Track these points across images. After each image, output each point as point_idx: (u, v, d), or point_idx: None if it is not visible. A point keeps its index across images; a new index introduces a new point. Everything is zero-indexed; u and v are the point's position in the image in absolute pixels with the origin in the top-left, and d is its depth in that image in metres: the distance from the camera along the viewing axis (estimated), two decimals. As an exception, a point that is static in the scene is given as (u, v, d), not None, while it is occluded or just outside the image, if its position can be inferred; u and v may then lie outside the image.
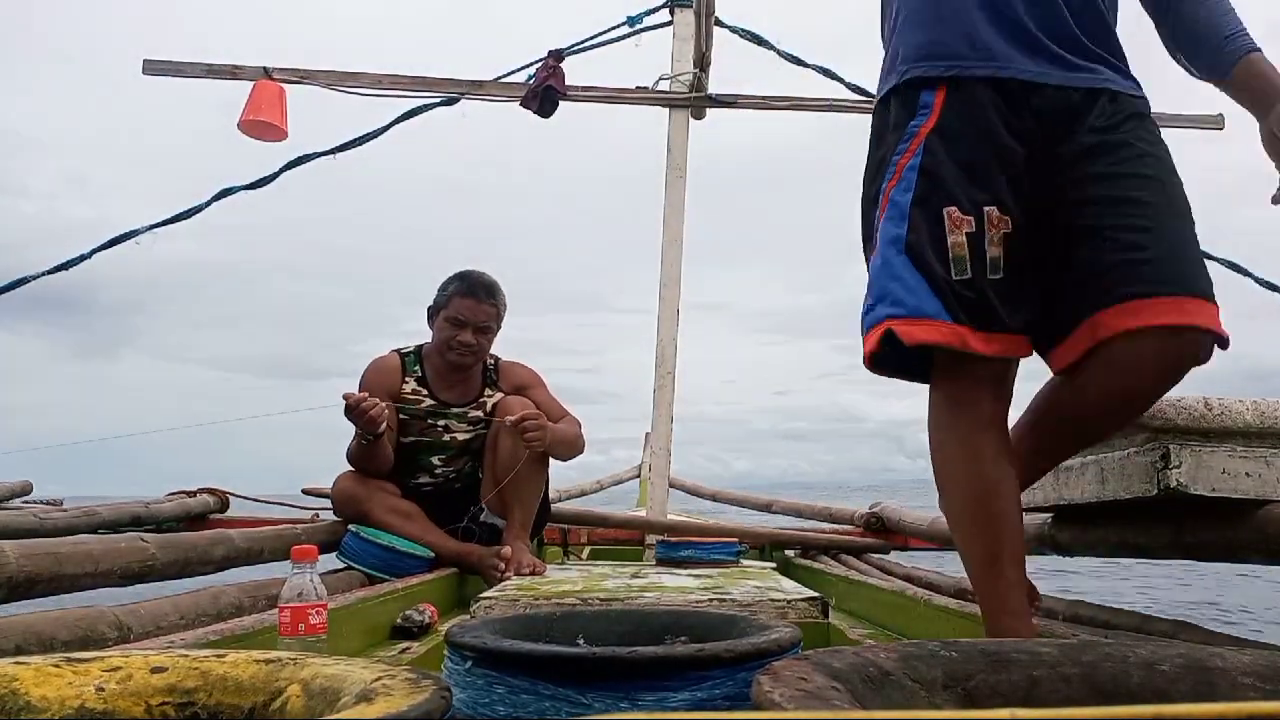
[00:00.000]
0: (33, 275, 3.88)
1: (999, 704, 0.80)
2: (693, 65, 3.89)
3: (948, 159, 1.42)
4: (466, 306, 2.86)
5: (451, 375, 2.94)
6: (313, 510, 3.57)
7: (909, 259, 1.40)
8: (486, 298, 2.89)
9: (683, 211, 3.75)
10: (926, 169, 1.43)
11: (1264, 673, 0.81)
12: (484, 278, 2.94)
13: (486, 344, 2.92)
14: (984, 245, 1.39)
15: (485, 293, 2.89)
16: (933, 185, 1.42)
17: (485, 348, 2.93)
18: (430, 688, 0.68)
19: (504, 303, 2.95)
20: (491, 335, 2.93)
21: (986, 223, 1.39)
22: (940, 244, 1.39)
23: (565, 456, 2.94)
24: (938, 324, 1.37)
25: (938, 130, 1.44)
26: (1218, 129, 4.14)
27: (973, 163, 1.42)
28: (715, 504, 6.19)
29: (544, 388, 3.05)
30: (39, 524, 2.64)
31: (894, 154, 1.47)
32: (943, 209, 1.40)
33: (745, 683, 0.89)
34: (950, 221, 1.39)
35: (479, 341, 2.88)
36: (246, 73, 3.89)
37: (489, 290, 2.91)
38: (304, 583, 1.39)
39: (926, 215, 1.41)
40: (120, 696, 0.77)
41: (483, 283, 2.91)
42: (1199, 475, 1.48)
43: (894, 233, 1.43)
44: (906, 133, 1.47)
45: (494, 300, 2.91)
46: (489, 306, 2.89)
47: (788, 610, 1.90)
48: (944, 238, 1.39)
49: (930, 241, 1.40)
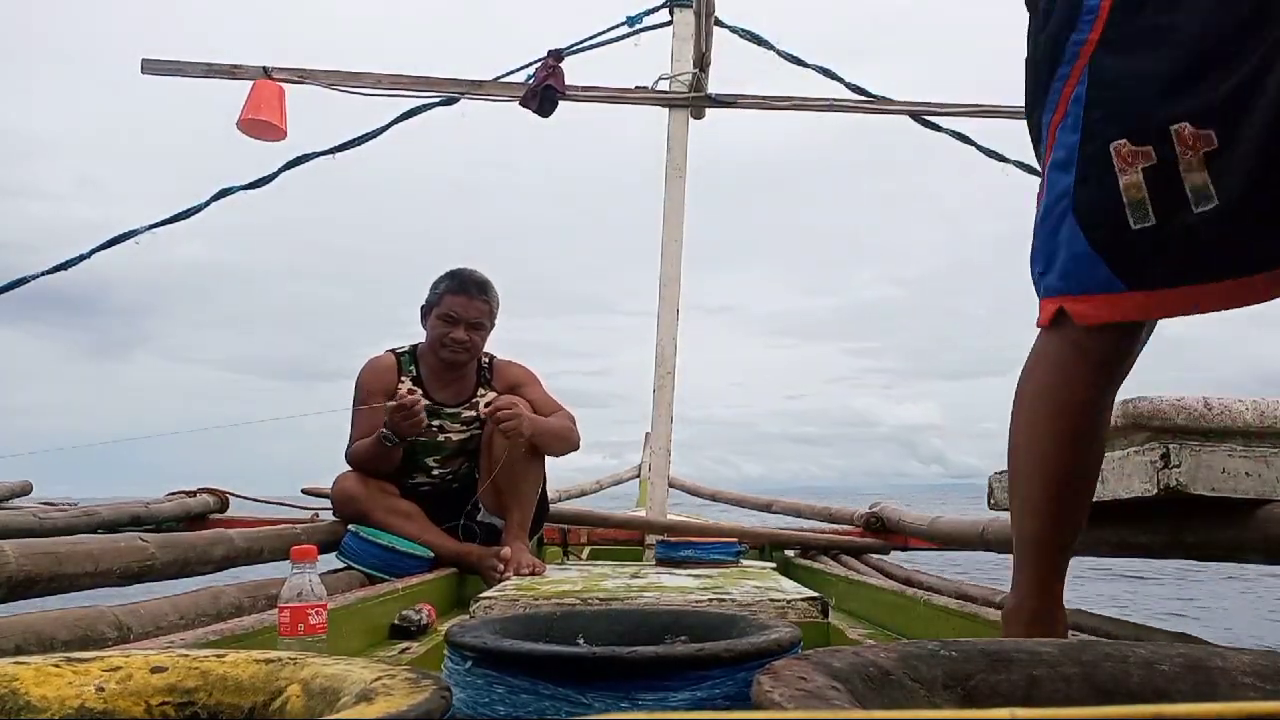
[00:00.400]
0: (32, 275, 3.88)
1: (999, 704, 0.80)
2: (692, 65, 3.89)
3: (1121, 70, 1.15)
4: (458, 303, 2.86)
5: (446, 374, 2.94)
6: (312, 510, 3.58)
7: (1077, 220, 1.17)
8: (478, 294, 2.89)
9: (682, 210, 3.75)
10: (1093, 97, 1.16)
11: (1264, 673, 0.81)
12: (475, 275, 2.94)
13: (479, 341, 2.92)
14: (1176, 174, 1.10)
15: (477, 289, 2.90)
16: (1102, 116, 1.15)
17: (478, 345, 2.93)
18: (430, 688, 0.68)
19: (496, 300, 2.95)
20: (484, 332, 2.93)
21: (1176, 143, 1.10)
22: (1112, 191, 1.13)
23: (557, 451, 2.94)
24: (1112, 298, 1.15)
25: (1103, 41, 1.16)
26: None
27: (1156, 64, 1.12)
28: (715, 504, 6.20)
29: (538, 385, 3.05)
30: (38, 524, 2.64)
31: (1061, 61, 1.19)
32: (1109, 145, 1.14)
33: (745, 682, 0.89)
34: (1119, 159, 1.13)
35: (471, 338, 2.88)
36: (246, 72, 3.89)
37: (480, 287, 2.91)
38: (304, 583, 1.39)
39: (1094, 156, 1.15)
40: (120, 696, 0.77)
41: (474, 279, 2.92)
42: (1199, 475, 1.48)
43: (1062, 185, 1.19)
44: (1071, 40, 1.18)
45: (485, 296, 2.91)
46: (480, 303, 2.89)
47: (788, 610, 1.90)
48: (1115, 183, 1.13)
49: (1101, 190, 1.15)
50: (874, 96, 4.10)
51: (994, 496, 2.10)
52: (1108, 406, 1.28)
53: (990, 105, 4.09)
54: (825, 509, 4.27)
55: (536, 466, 2.89)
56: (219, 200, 3.94)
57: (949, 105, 4.10)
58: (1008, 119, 4.06)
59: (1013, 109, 4.07)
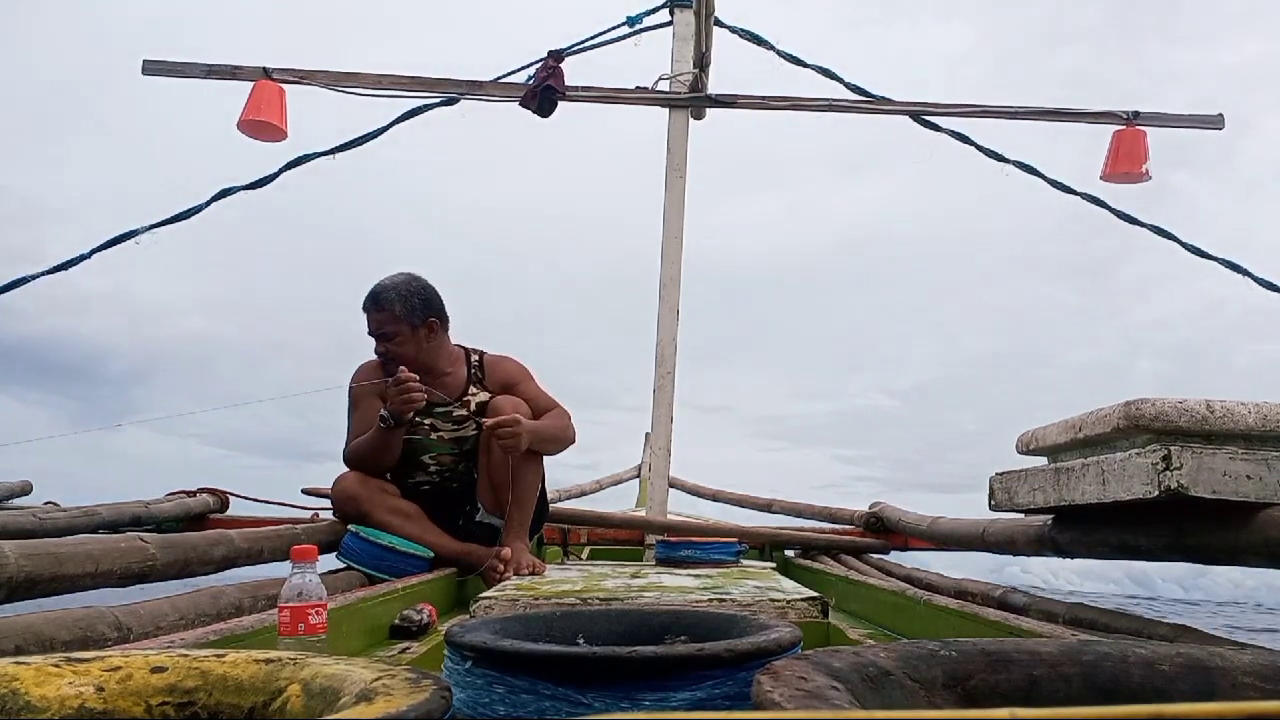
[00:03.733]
0: (32, 275, 3.88)
1: (999, 704, 0.80)
2: (692, 65, 3.89)
3: None
4: (367, 321, 2.86)
5: (427, 377, 2.84)
6: (313, 510, 3.58)
7: None
8: (373, 308, 2.85)
9: (683, 210, 3.75)
10: None
11: (1264, 673, 0.81)
12: (376, 287, 2.87)
13: (397, 348, 2.84)
14: None
15: (371, 303, 2.85)
16: None
17: (400, 351, 2.84)
18: (430, 688, 0.68)
19: (399, 302, 2.84)
20: (398, 338, 2.85)
21: None
22: None
23: (554, 452, 2.94)
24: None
25: None
26: (1218, 129, 4.15)
27: None
28: (715, 504, 6.20)
29: (531, 381, 3.04)
30: (39, 524, 2.64)
31: None
32: None
33: (745, 682, 0.89)
34: None
35: (388, 349, 2.85)
36: (246, 73, 3.89)
37: (374, 299, 2.85)
38: (304, 582, 1.39)
39: None
40: (120, 696, 0.77)
41: (371, 294, 2.86)
42: (1200, 477, 1.47)
43: None
44: None
45: (379, 306, 2.84)
46: (377, 314, 2.84)
47: (788, 610, 1.90)
48: None
49: None
50: (874, 97, 4.10)
51: (994, 497, 2.10)
52: None
53: (990, 105, 4.09)
54: (825, 509, 4.27)
55: (535, 467, 2.89)
56: (219, 200, 3.93)
57: (949, 105, 4.10)
58: (1008, 119, 4.07)
59: (1013, 109, 4.08)
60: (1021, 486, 1.95)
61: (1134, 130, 4.04)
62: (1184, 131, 4.17)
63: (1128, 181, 4.09)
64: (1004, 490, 2.02)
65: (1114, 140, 4.06)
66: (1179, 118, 4.12)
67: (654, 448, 3.75)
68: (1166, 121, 4.09)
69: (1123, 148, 4.03)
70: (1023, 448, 2.03)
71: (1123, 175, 4.06)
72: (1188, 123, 4.14)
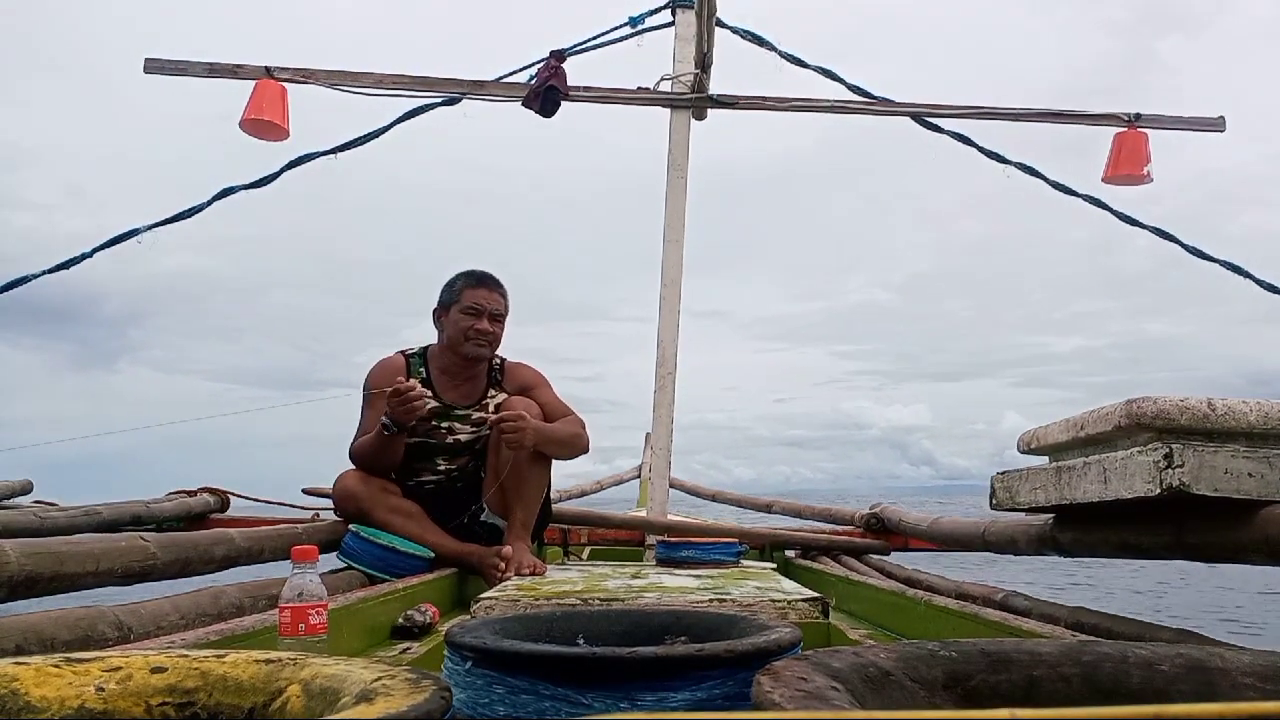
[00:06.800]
0: (32, 275, 3.89)
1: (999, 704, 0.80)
2: (694, 66, 3.89)
3: None
4: (481, 295, 2.95)
5: (458, 375, 2.98)
6: (313, 510, 3.58)
7: None
8: (497, 286, 3.00)
9: (684, 212, 3.75)
10: None
11: (1264, 673, 0.81)
12: (483, 271, 3.03)
13: (500, 333, 2.99)
14: None
15: (495, 282, 3.00)
16: None
17: (499, 337, 2.99)
18: (430, 688, 0.68)
19: (505, 290, 3.03)
20: (503, 324, 3.01)
21: None
22: None
23: (563, 456, 2.95)
24: None
25: None
26: (1219, 131, 4.15)
27: None
28: (715, 504, 6.20)
29: (548, 387, 3.07)
30: (39, 523, 2.64)
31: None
32: None
33: (745, 683, 0.89)
34: None
35: (494, 329, 2.96)
36: (248, 72, 3.89)
37: (497, 281, 3.02)
38: (304, 582, 1.39)
39: None
40: (120, 696, 0.77)
41: (488, 275, 3.02)
42: (1202, 475, 1.47)
43: None
44: None
45: (503, 290, 3.01)
46: (500, 294, 2.99)
47: (788, 610, 1.90)
48: None
49: None
50: (875, 98, 4.10)
51: (995, 497, 2.10)
52: None
53: (991, 106, 4.09)
54: (825, 509, 4.28)
55: (542, 470, 2.89)
56: (220, 200, 3.94)
57: (950, 106, 4.10)
58: (1008, 119, 4.07)
59: (1013, 110, 4.08)
60: (1023, 486, 1.95)
61: (1135, 132, 4.04)
62: (1184, 133, 4.17)
63: (1129, 184, 4.09)
64: (1005, 490, 2.02)
65: (1115, 142, 4.06)
66: (1179, 119, 4.12)
67: (654, 449, 3.75)
68: (1167, 123, 4.09)
69: (1124, 150, 4.03)
70: (1024, 447, 2.03)
71: (1124, 177, 4.05)
72: (1189, 124, 4.14)
